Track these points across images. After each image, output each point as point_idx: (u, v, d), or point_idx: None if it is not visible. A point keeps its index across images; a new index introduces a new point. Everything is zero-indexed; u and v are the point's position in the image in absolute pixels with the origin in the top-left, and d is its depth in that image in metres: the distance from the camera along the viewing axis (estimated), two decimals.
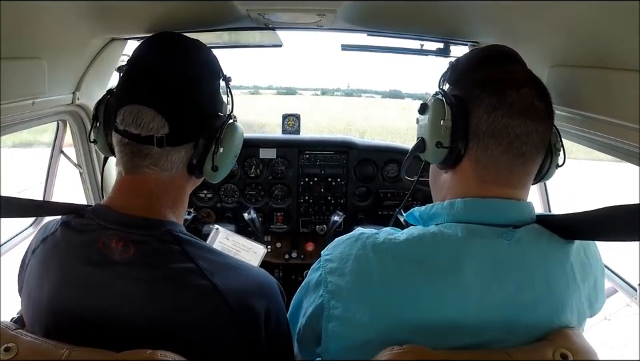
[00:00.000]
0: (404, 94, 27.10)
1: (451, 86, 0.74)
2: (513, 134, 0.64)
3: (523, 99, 0.64)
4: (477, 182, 0.67)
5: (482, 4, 0.85)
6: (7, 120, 0.97)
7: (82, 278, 0.65)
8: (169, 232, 0.68)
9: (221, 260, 0.70)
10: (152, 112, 0.66)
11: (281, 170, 1.88)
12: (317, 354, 0.72)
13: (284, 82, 40.61)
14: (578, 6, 0.69)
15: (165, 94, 0.67)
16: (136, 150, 0.68)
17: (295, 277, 1.94)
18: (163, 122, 0.66)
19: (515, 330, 0.60)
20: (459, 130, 0.67)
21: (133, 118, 0.66)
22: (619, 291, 1.31)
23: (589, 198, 5.27)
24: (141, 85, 0.68)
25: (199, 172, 0.73)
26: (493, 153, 0.65)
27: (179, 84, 0.69)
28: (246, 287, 0.69)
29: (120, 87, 0.71)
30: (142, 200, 0.69)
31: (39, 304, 0.68)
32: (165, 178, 0.70)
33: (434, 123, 0.70)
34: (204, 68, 0.73)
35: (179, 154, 0.70)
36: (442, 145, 0.68)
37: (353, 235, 0.71)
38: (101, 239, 0.65)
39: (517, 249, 0.63)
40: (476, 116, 0.65)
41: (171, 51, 0.72)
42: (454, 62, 0.75)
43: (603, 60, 0.73)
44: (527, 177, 0.68)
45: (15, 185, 4.75)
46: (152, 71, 0.69)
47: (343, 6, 0.99)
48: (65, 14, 0.90)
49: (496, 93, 0.64)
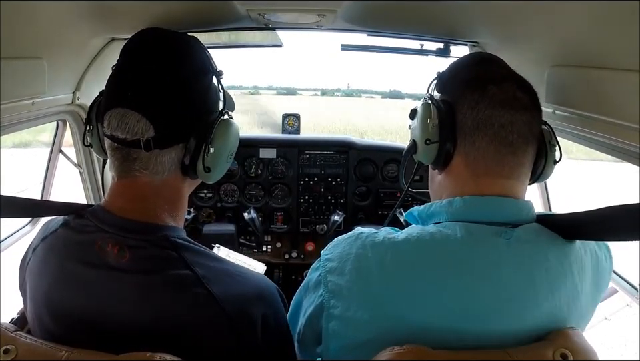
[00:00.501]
0: (404, 95, 27.14)
1: (439, 93, 0.77)
2: (497, 124, 0.66)
3: (504, 91, 0.67)
4: (469, 177, 0.68)
5: (482, 5, 0.85)
6: (6, 120, 0.96)
7: (79, 278, 0.65)
8: (165, 238, 0.66)
9: (218, 267, 0.69)
10: (136, 115, 0.64)
11: (281, 170, 1.88)
12: (317, 353, 0.72)
13: (284, 82, 40.62)
14: (578, 7, 0.69)
15: (148, 96, 0.65)
16: (125, 154, 0.66)
17: (295, 277, 1.94)
18: (148, 125, 0.64)
19: (515, 330, 0.60)
20: (446, 127, 0.70)
21: (118, 122, 0.64)
22: (619, 291, 1.31)
23: (589, 198, 5.28)
24: (124, 88, 0.66)
25: (192, 173, 0.70)
26: (480, 145, 0.67)
27: (165, 83, 0.66)
28: (244, 294, 0.67)
29: (106, 89, 0.69)
30: (137, 204, 0.68)
31: (37, 302, 0.68)
32: (157, 182, 0.68)
33: (422, 122, 0.73)
34: (192, 65, 0.70)
35: (168, 156, 0.67)
36: (431, 141, 0.71)
37: (352, 235, 0.71)
38: (98, 242, 0.64)
39: (516, 249, 0.63)
40: (461, 113, 0.69)
41: (156, 49, 0.69)
42: (440, 72, 0.79)
43: (602, 61, 0.73)
44: (520, 168, 0.68)
45: (14, 185, 4.75)
46: (136, 72, 0.67)
47: (343, 6, 0.99)
48: (65, 14, 0.90)
49: (478, 89, 0.67)
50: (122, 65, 0.70)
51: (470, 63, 0.76)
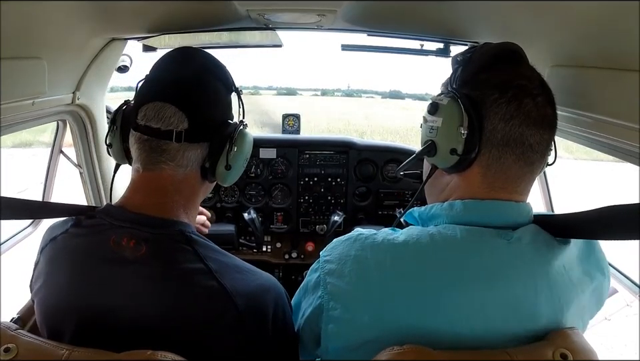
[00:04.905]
0: (404, 95, 27.13)
1: (461, 83, 0.69)
2: (527, 144, 0.64)
3: (538, 108, 0.64)
4: (483, 186, 0.67)
5: (482, 4, 0.85)
6: (6, 120, 0.97)
7: (92, 276, 0.66)
8: (181, 232, 0.69)
9: (230, 262, 0.71)
10: (173, 108, 0.70)
11: (281, 170, 1.88)
12: (316, 355, 0.72)
13: (284, 83, 40.65)
14: (578, 7, 0.69)
15: (185, 93, 0.72)
16: (155, 145, 0.70)
17: (295, 277, 1.94)
18: (183, 118, 0.70)
19: (515, 330, 0.60)
20: (474, 137, 0.64)
21: (155, 112, 0.70)
22: (619, 291, 1.31)
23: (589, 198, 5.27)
24: (163, 85, 0.73)
25: (211, 174, 0.76)
26: (505, 161, 0.64)
27: (198, 88, 0.73)
28: (254, 290, 0.69)
29: (141, 90, 0.75)
30: (157, 197, 0.71)
31: (46, 302, 0.69)
32: (180, 176, 0.73)
33: (450, 129, 0.66)
34: (221, 78, 0.78)
35: (194, 152, 0.73)
36: (456, 152, 0.66)
37: (351, 236, 0.70)
38: (112, 237, 0.66)
39: (516, 249, 0.62)
40: (491, 123, 0.64)
41: (190, 62, 0.76)
42: (462, 58, 0.70)
43: (603, 61, 0.73)
44: (531, 183, 0.69)
45: (14, 185, 4.75)
46: (172, 76, 0.74)
47: (343, 6, 0.99)
48: (65, 14, 0.90)
49: (515, 100, 0.63)
50: (158, 71, 0.76)
51: (503, 60, 0.67)
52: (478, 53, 0.69)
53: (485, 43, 0.71)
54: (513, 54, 0.69)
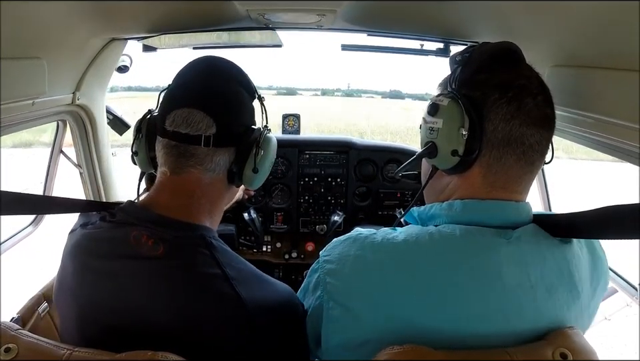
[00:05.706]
0: (404, 95, 27.15)
1: (460, 83, 0.69)
2: (527, 143, 0.64)
3: (538, 108, 0.64)
4: (483, 186, 0.67)
5: (482, 4, 0.85)
6: (6, 120, 0.97)
7: (108, 272, 0.67)
8: (201, 237, 0.70)
9: (248, 270, 0.72)
10: (201, 113, 0.71)
11: (281, 170, 1.88)
12: (316, 355, 0.72)
13: (284, 83, 40.61)
14: (578, 7, 0.69)
15: (213, 100, 0.73)
16: (183, 150, 0.71)
17: (295, 277, 1.94)
18: (212, 123, 0.71)
19: (515, 329, 0.60)
20: (475, 138, 0.64)
21: (184, 118, 0.71)
22: (619, 291, 1.31)
23: (588, 198, 5.27)
24: (190, 92, 0.74)
25: (239, 178, 0.77)
26: (506, 162, 0.64)
27: (224, 95, 0.75)
28: (269, 301, 0.69)
29: (166, 98, 0.76)
30: (182, 199, 0.72)
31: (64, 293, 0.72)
32: (207, 180, 0.74)
33: (451, 130, 0.66)
34: (245, 85, 0.80)
35: (222, 156, 0.74)
36: (458, 153, 0.66)
37: (350, 236, 0.70)
38: (133, 232, 0.67)
39: (516, 248, 0.63)
40: (492, 123, 0.64)
41: (214, 69, 0.78)
42: (461, 58, 0.70)
43: (602, 61, 0.73)
44: (531, 182, 0.69)
45: (14, 185, 4.75)
46: (199, 83, 0.75)
47: (343, 6, 0.99)
48: (65, 14, 0.90)
49: (515, 100, 0.63)
50: (183, 78, 0.77)
51: (502, 60, 0.67)
52: (477, 53, 0.68)
53: (484, 43, 0.70)
54: (512, 54, 0.69)
